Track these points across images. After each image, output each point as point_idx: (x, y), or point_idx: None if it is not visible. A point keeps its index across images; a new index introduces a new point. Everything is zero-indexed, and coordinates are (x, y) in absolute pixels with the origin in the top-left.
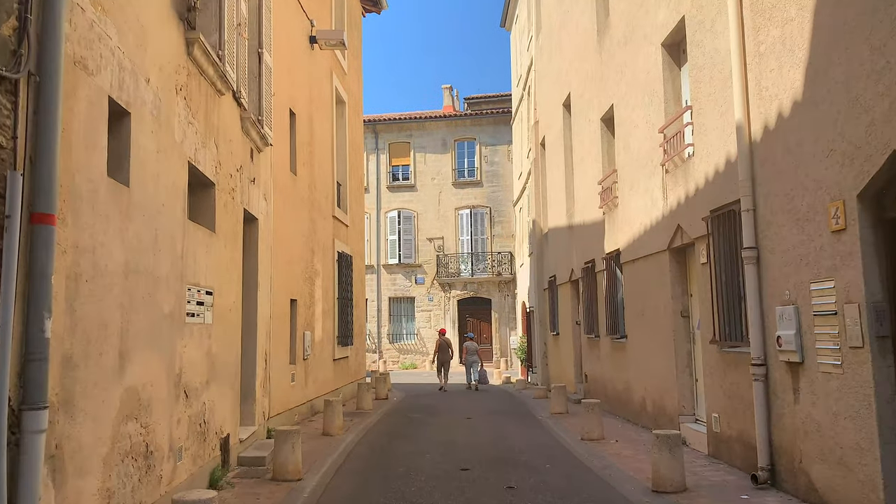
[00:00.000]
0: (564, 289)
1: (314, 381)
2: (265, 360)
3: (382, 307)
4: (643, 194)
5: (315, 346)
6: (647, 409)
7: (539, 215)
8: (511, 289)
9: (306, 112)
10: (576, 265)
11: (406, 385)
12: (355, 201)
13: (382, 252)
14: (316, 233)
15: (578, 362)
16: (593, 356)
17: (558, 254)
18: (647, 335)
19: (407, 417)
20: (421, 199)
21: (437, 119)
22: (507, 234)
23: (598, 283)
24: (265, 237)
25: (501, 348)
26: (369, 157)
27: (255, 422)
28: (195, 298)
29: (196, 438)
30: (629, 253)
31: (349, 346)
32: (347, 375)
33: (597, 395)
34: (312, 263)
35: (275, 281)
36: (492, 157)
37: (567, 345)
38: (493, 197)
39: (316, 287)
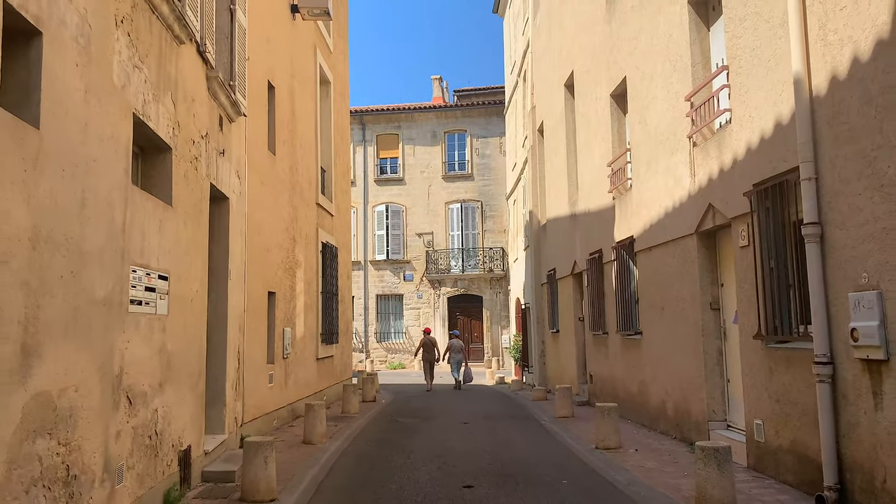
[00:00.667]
0: (565, 283)
1: (295, 382)
2: (238, 359)
3: (370, 305)
4: (663, 173)
5: (296, 344)
6: (666, 413)
7: (536, 206)
8: (503, 286)
9: (286, 87)
10: (579, 257)
11: (394, 386)
12: (341, 190)
13: (370, 247)
14: (297, 220)
15: (581, 361)
16: (600, 355)
17: (558, 245)
18: (667, 331)
19: (397, 422)
20: (410, 193)
21: (426, 110)
22: (499, 230)
23: (607, 276)
24: (238, 220)
25: (493, 347)
26: (356, 149)
27: (224, 429)
28: (143, 283)
29: (144, 454)
30: (645, 240)
31: (334, 344)
32: (332, 376)
33: (604, 398)
34: (293, 253)
35: (250, 270)
36: (483, 150)
37: (568, 343)
38: (484, 191)
39: (297, 279)
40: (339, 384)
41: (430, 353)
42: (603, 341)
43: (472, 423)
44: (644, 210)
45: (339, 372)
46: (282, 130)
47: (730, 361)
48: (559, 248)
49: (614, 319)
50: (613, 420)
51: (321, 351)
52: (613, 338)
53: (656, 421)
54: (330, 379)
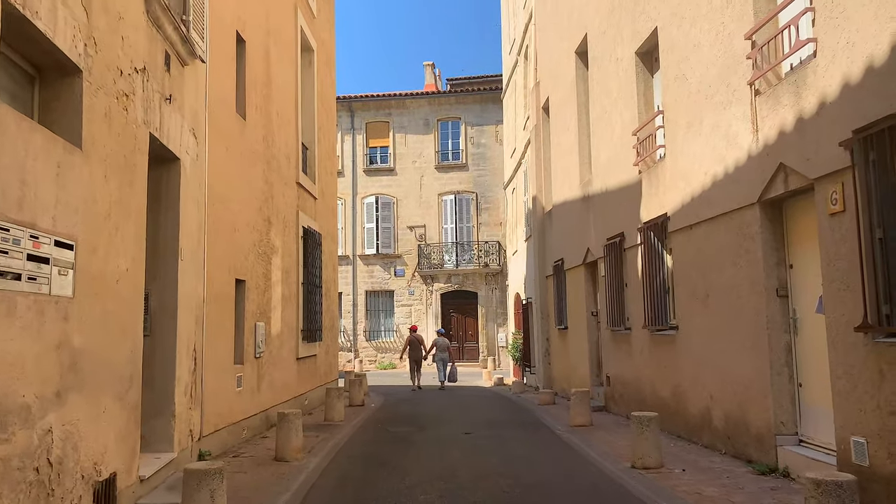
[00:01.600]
0: (575, 274)
1: (271, 385)
2: (194, 359)
3: (358, 301)
4: (709, 134)
5: (272, 342)
6: (712, 423)
7: (540, 191)
8: (499, 281)
9: (261, 43)
10: (594, 243)
11: (384, 388)
12: (326, 172)
13: (359, 241)
14: (274, 198)
15: (595, 361)
16: (620, 353)
17: (567, 233)
18: (713, 324)
19: (388, 432)
20: (401, 184)
21: (418, 96)
22: (495, 222)
23: (629, 263)
24: (193, 187)
25: (489, 346)
26: (344, 137)
27: (173, 446)
28: (22, 248)
29: (27, 494)
30: (684, 217)
31: (317, 342)
32: (315, 378)
33: (626, 403)
34: (268, 236)
35: (212, 252)
36: (478, 139)
37: (579, 340)
38: (479, 181)
39: (273, 267)
40: (323, 387)
41: (416, 351)
42: (624, 338)
43: (476, 432)
44: (682, 182)
45: (323, 373)
46: (254, 93)
47: (802, 361)
48: (568, 235)
49: (640, 313)
50: (653, 434)
51: (302, 349)
52: (638, 334)
53: (697, 432)
54: (313, 381)
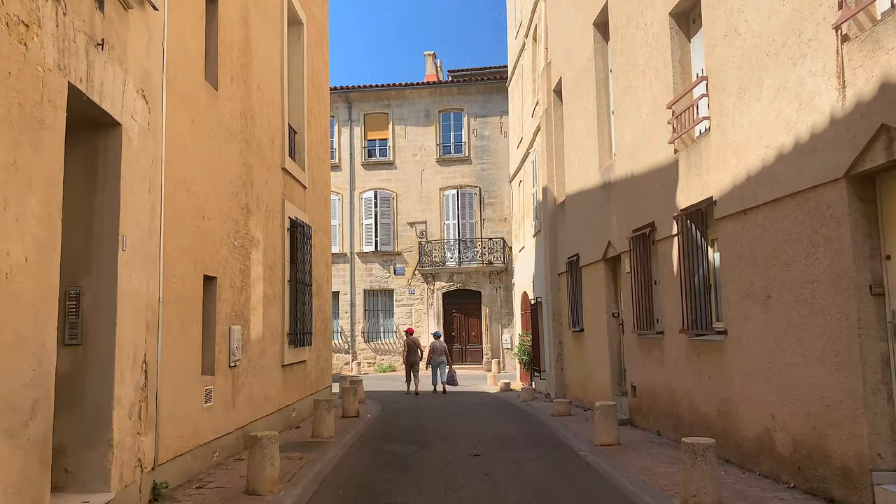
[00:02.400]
0: (594, 271)
1: (249, 397)
2: (144, 372)
3: (357, 301)
4: (774, 98)
5: (251, 348)
6: (774, 448)
7: (551, 181)
8: (504, 280)
9: (237, 5)
10: (616, 235)
11: (382, 394)
12: (317, 159)
13: (357, 238)
14: (254, 184)
15: (617, 369)
16: (649, 361)
17: (583, 225)
18: (777, 329)
19: (384, 453)
20: (401, 178)
21: (419, 87)
22: (499, 218)
23: (662, 257)
24: (143, 163)
25: (493, 348)
26: (341, 129)
27: (110, 484)
28: None
29: None
30: (736, 200)
31: (307, 346)
32: (305, 386)
33: (655, 417)
34: (247, 227)
35: (171, 242)
36: (482, 131)
37: (597, 345)
38: (483, 175)
39: (253, 262)
40: (315, 395)
41: (413, 354)
42: (654, 344)
43: (486, 453)
44: (732, 158)
45: (314, 380)
46: (230, 61)
47: None
48: (584, 228)
49: (675, 315)
50: (711, 465)
51: (289, 355)
52: (673, 339)
53: (753, 458)
54: (301, 390)
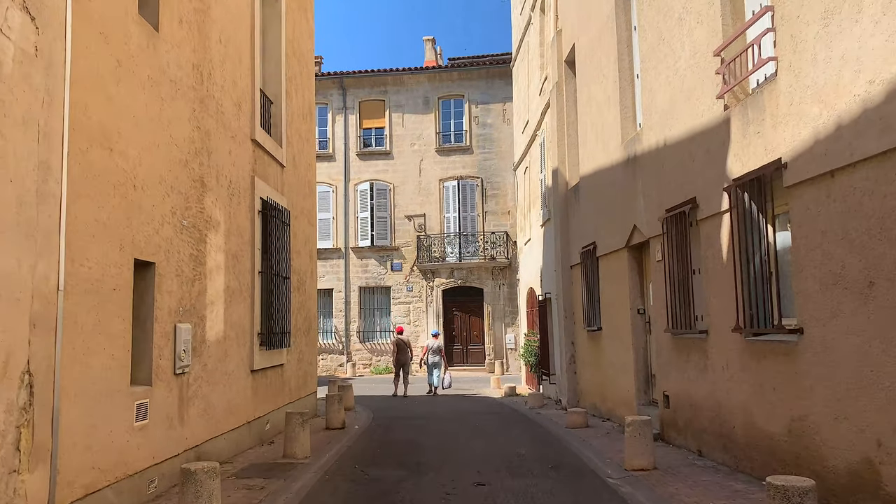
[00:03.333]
0: (614, 261)
1: (205, 411)
2: (28, 387)
3: (352, 299)
4: (881, 16)
5: (208, 351)
6: (881, 486)
7: (562, 162)
8: (507, 276)
9: None
10: (644, 218)
11: (375, 399)
12: (300, 137)
13: (352, 232)
14: (212, 154)
15: (643, 374)
16: (688, 366)
17: (601, 209)
18: (887, 327)
19: (367, 482)
20: (398, 169)
21: (417, 72)
22: (503, 211)
23: (705, 240)
24: (20, 99)
25: (496, 348)
26: (335, 117)
27: None
28: None
29: None
30: (820, 158)
31: (284, 348)
32: (282, 394)
33: (695, 433)
34: (201, 204)
35: (81, 214)
36: (484, 118)
37: (618, 346)
38: (485, 166)
39: (210, 247)
40: (296, 404)
41: (403, 355)
42: (694, 345)
43: (494, 481)
44: (814, 104)
45: (294, 387)
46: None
47: None
48: (602, 212)
49: (726, 309)
50: None
51: (260, 359)
52: (722, 340)
53: (846, 496)
54: (278, 398)
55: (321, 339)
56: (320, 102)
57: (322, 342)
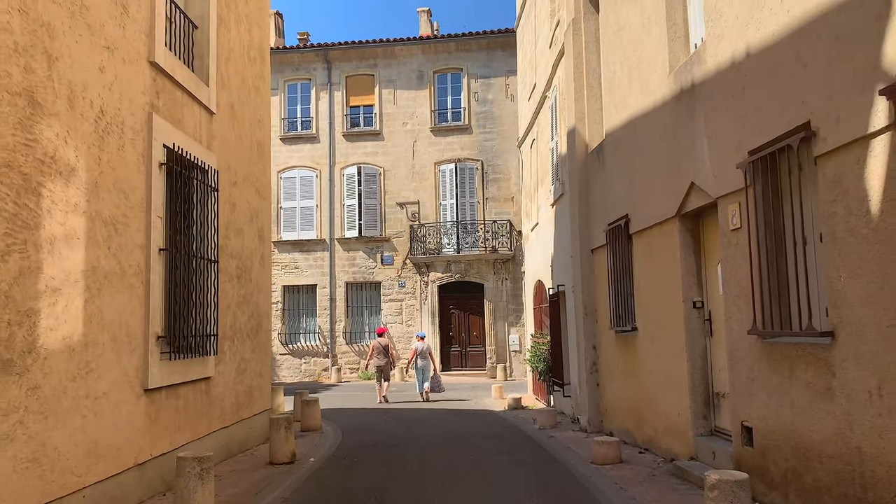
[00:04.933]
0: (659, 237)
1: (32, 461)
2: None
3: (337, 296)
4: None
5: (45, 366)
6: None
7: (581, 119)
8: (511, 269)
9: None
10: (708, 171)
11: (353, 413)
12: (244, 83)
13: (337, 222)
14: (53, 60)
15: (703, 392)
16: (791, 386)
17: (639, 170)
18: None
19: None
20: (389, 151)
21: (410, 43)
22: (506, 197)
23: (831, 188)
24: None
25: (498, 350)
26: (319, 94)
27: None
28: None
29: None
30: None
31: (208, 356)
32: (208, 418)
33: (807, 493)
34: (28, 132)
35: None
36: (484, 94)
37: (664, 352)
38: (486, 147)
39: (52, 204)
40: (234, 428)
41: (382, 358)
42: (806, 355)
43: None
44: None
45: (230, 407)
46: None
47: None
48: (640, 173)
49: (872, 298)
50: None
51: (162, 373)
52: (864, 347)
53: None
54: (199, 425)
55: (303, 341)
56: (302, 78)
57: (305, 344)
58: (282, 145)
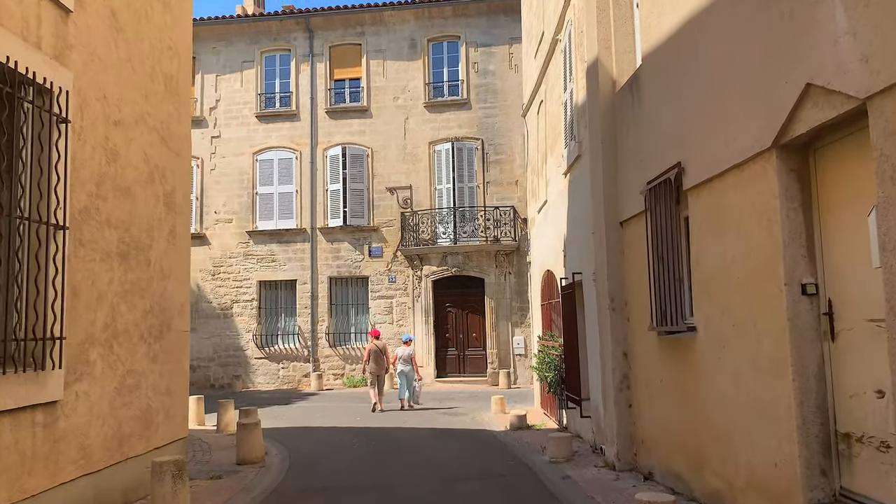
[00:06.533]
0: (729, 192)
1: None
2: None
3: (319, 292)
4: None
5: None
6: None
7: (608, 47)
8: (515, 263)
9: None
10: (839, 64)
11: (321, 433)
12: None
13: (319, 209)
14: None
15: (822, 432)
16: None
17: (703, 94)
18: None
19: None
20: (378, 130)
21: (401, 7)
22: (508, 181)
23: None
24: None
25: (500, 354)
26: (300, 67)
27: None
28: None
29: None
30: None
31: (44, 370)
32: (53, 467)
33: None
34: None
35: None
36: (485, 65)
37: (744, 364)
38: (486, 124)
39: None
40: (111, 472)
41: (377, 363)
42: None
43: None
44: None
45: (101, 445)
46: None
47: None
48: (701, 97)
49: None
50: None
51: None
52: None
53: None
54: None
55: (281, 344)
56: (281, 49)
57: (283, 347)
58: (258, 124)
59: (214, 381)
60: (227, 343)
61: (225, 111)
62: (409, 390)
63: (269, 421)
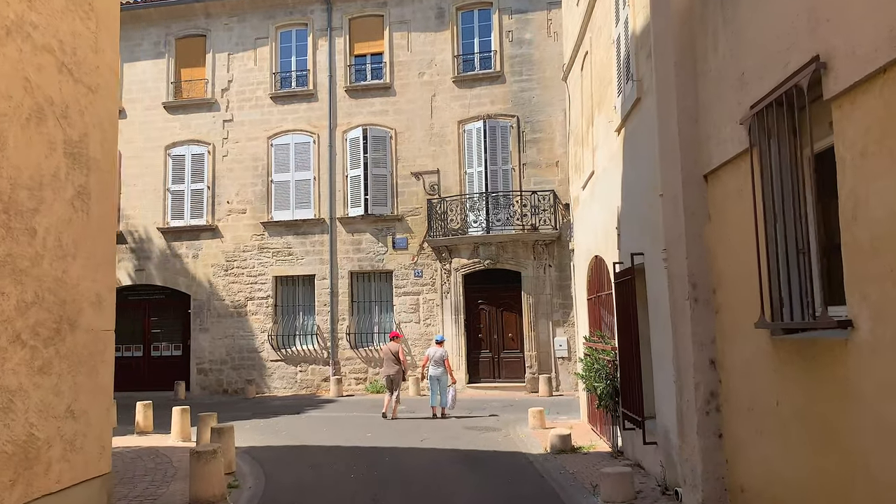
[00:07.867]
0: None
1: None
2: None
3: (339, 288)
4: None
5: None
6: None
7: None
8: (555, 254)
9: None
10: None
11: (318, 453)
12: None
13: (339, 197)
14: None
15: None
16: None
17: None
18: None
19: None
20: (402, 109)
21: None
22: (548, 162)
23: None
24: None
25: (540, 357)
26: (317, 42)
27: None
28: None
29: None
30: None
31: None
32: None
33: None
34: None
35: None
36: (520, 34)
37: None
38: (523, 99)
39: None
40: None
41: (390, 366)
42: None
43: None
44: None
45: None
46: None
47: None
48: None
49: None
50: None
51: None
52: None
53: None
54: None
55: (299, 345)
56: (297, 24)
57: (301, 348)
58: (273, 105)
59: (227, 386)
60: (240, 344)
61: (238, 92)
62: (440, 396)
63: (264, 437)
